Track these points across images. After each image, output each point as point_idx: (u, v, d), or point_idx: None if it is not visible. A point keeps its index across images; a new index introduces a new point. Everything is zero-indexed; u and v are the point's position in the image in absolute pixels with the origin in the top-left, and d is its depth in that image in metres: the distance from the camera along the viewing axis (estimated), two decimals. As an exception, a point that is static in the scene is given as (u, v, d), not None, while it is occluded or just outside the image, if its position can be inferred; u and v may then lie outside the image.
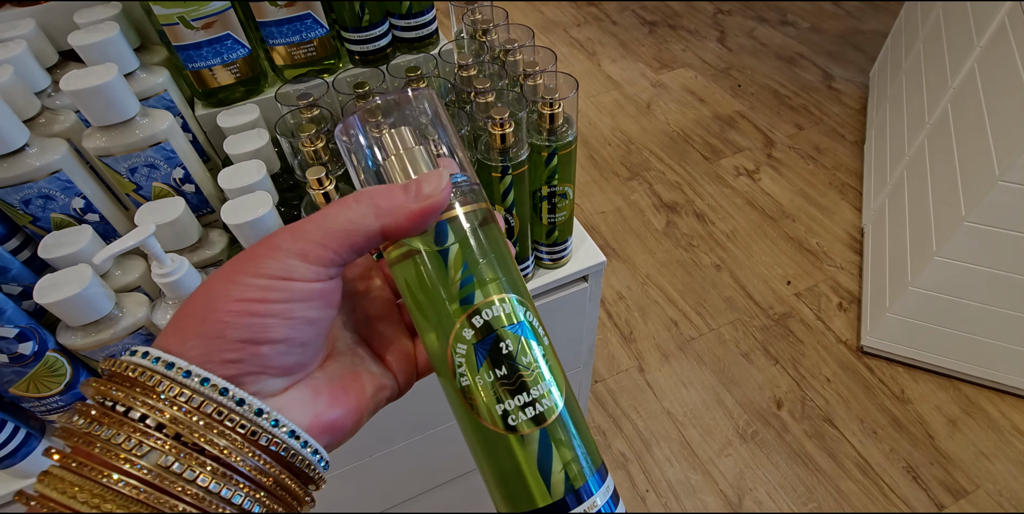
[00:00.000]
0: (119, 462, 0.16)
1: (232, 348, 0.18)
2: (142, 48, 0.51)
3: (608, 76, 1.92)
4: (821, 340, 1.21)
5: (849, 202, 1.48)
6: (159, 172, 0.44)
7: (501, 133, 0.43)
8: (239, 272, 0.19)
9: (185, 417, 0.17)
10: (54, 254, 0.40)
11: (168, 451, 0.17)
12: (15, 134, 0.39)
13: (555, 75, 0.46)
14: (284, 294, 0.19)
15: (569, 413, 0.21)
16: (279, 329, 0.19)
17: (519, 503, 0.21)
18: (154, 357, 0.18)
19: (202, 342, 0.18)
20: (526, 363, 0.21)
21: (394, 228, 0.20)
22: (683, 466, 1.05)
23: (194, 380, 0.18)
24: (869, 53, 1.93)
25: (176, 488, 0.16)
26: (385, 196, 0.20)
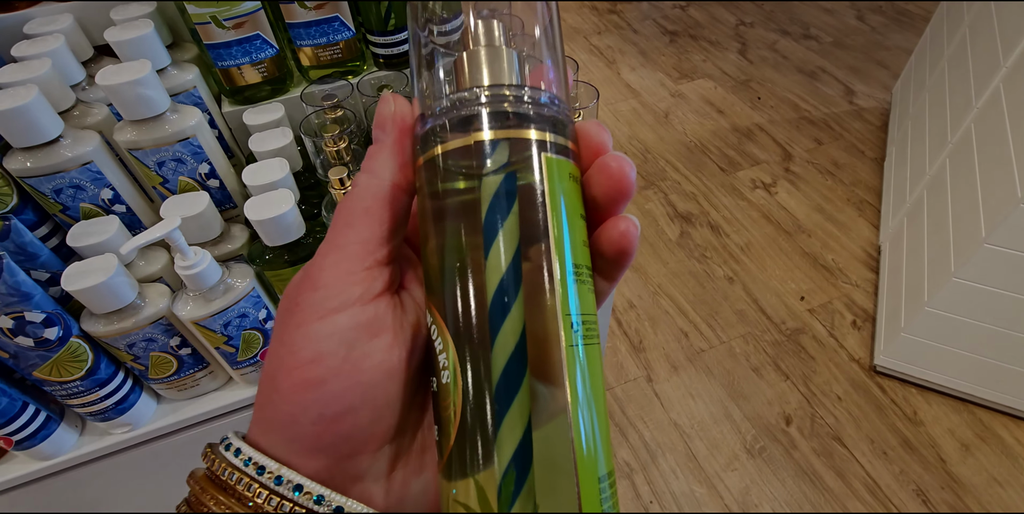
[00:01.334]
0: None
1: (312, 434, 0.16)
2: (174, 45, 0.52)
3: (627, 84, 1.93)
4: (833, 357, 1.19)
5: (867, 219, 1.47)
6: (185, 167, 0.45)
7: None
8: (285, 326, 0.16)
9: None
10: (82, 243, 0.41)
11: None
12: (51, 125, 0.40)
13: (576, 84, 0.47)
14: (338, 340, 0.16)
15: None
16: (350, 394, 0.16)
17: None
18: (246, 458, 0.16)
19: (281, 434, 0.16)
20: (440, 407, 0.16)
21: (399, 172, 0.17)
22: (688, 479, 1.04)
23: (286, 488, 0.16)
24: (892, 70, 1.92)
25: None
26: (368, 157, 0.18)
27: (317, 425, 0.16)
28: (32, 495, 0.45)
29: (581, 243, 0.16)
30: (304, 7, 0.48)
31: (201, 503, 0.16)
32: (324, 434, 0.16)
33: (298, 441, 0.16)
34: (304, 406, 0.16)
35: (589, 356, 0.15)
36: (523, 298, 0.15)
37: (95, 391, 0.42)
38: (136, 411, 0.45)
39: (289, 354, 0.16)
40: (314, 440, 0.16)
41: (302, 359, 0.16)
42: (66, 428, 0.44)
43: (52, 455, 0.44)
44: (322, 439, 0.16)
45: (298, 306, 0.16)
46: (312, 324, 0.16)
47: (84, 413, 0.43)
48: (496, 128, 0.16)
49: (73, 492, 0.46)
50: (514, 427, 0.14)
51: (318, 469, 0.16)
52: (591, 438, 0.15)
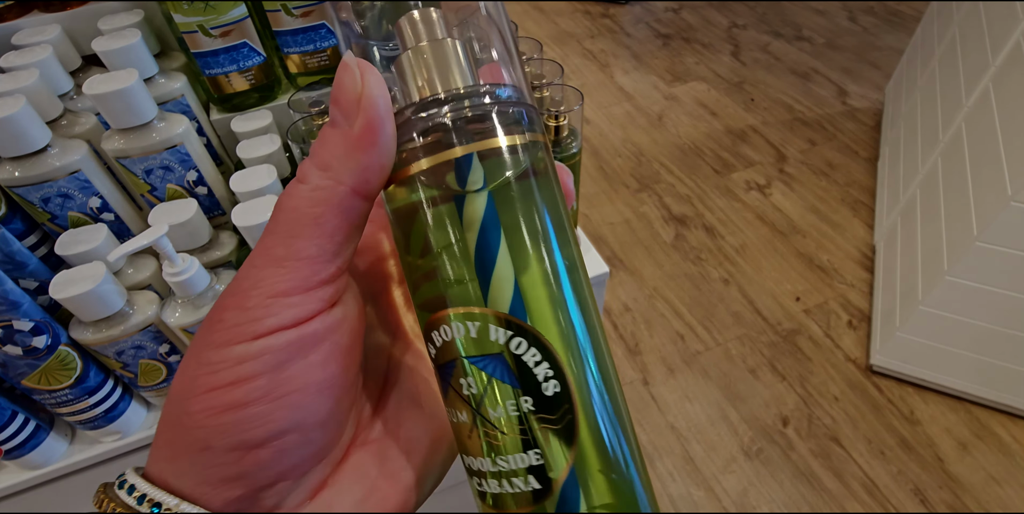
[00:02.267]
0: None
1: (226, 461, 0.14)
2: (162, 54, 0.52)
3: (620, 88, 1.94)
4: (830, 358, 1.20)
5: (861, 219, 1.47)
6: (173, 174, 0.45)
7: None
8: (204, 345, 0.14)
9: None
10: (70, 251, 0.41)
11: None
12: (38, 135, 0.40)
13: (561, 88, 0.47)
14: (263, 363, 0.14)
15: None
16: (278, 415, 0.14)
17: None
18: (140, 495, 0.14)
19: (191, 461, 0.14)
20: (492, 417, 0.14)
21: (360, 175, 0.14)
22: (686, 481, 1.04)
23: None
24: (884, 70, 1.93)
25: None
26: (322, 146, 0.14)
27: (235, 452, 0.14)
28: (23, 505, 0.45)
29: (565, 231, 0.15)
30: (291, 15, 0.48)
31: None
32: (242, 462, 0.14)
33: (211, 469, 0.14)
34: (220, 431, 0.14)
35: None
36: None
37: (84, 399, 0.42)
38: (126, 419, 0.45)
39: (206, 375, 0.14)
40: (229, 468, 0.14)
41: (221, 380, 0.14)
42: (56, 437, 0.44)
43: (42, 464, 0.44)
44: (239, 467, 0.14)
45: (221, 323, 0.14)
46: (236, 345, 0.14)
47: (74, 421, 0.43)
48: (466, 143, 0.14)
49: (64, 501, 0.46)
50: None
51: (229, 500, 0.14)
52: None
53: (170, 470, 0.15)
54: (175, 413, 0.14)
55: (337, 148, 0.14)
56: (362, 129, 0.14)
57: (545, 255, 0.15)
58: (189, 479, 0.14)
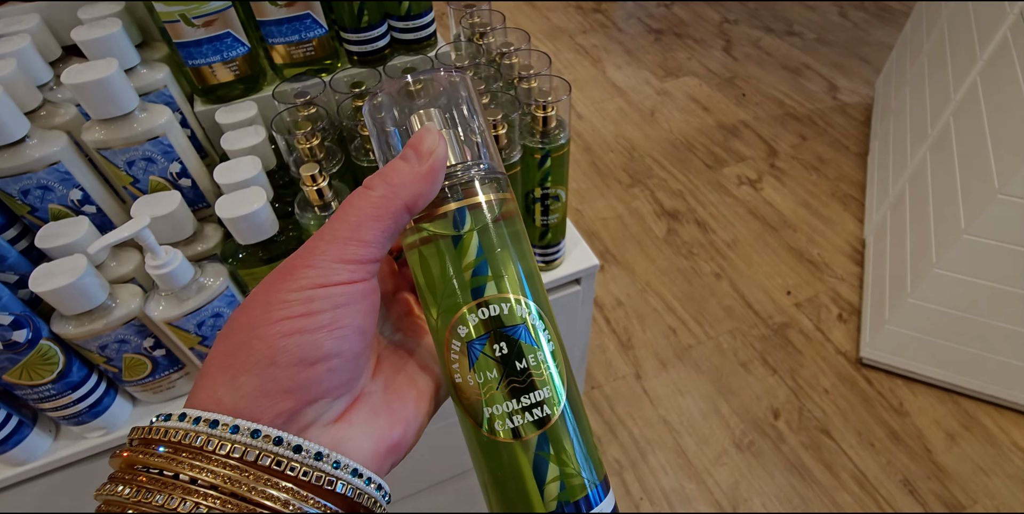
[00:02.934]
0: None
1: (288, 375, 0.17)
2: (144, 44, 0.51)
3: (613, 83, 1.93)
4: (820, 351, 1.20)
5: (851, 213, 1.48)
6: (156, 166, 0.44)
7: (494, 135, 0.43)
8: (276, 290, 0.18)
9: (239, 475, 0.16)
10: (50, 244, 0.40)
11: (227, 510, 0.16)
12: (16, 125, 0.39)
13: (549, 79, 0.47)
14: (329, 302, 0.18)
15: (568, 425, 0.21)
16: (330, 343, 0.18)
17: (512, 506, 0.21)
18: (194, 418, 0.17)
19: (255, 375, 0.17)
20: (520, 369, 0.20)
21: (413, 198, 0.20)
22: (678, 475, 1.04)
23: (244, 435, 0.17)
24: (875, 65, 1.94)
25: None
26: (393, 171, 0.20)
27: (296, 367, 0.18)
28: (6, 502, 0.44)
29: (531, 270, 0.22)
30: (275, 4, 0.47)
31: (147, 467, 0.16)
32: (298, 376, 0.18)
33: (272, 382, 0.18)
34: (287, 350, 0.18)
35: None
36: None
37: (68, 394, 0.41)
38: (111, 414, 0.44)
39: (280, 309, 0.18)
40: (289, 381, 0.18)
41: (293, 312, 0.18)
42: (39, 433, 0.44)
43: (25, 460, 0.43)
44: (296, 381, 0.18)
45: (293, 276, 0.19)
46: (308, 289, 0.18)
47: (57, 417, 0.43)
48: (458, 199, 0.22)
49: (48, 498, 0.46)
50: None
51: (280, 412, 0.18)
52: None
53: (227, 390, 0.18)
54: (243, 339, 0.18)
55: (405, 176, 0.20)
56: (428, 170, 0.20)
57: (518, 262, 0.22)
58: (249, 392, 0.17)
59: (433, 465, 0.71)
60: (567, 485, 0.20)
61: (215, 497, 0.16)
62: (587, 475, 0.21)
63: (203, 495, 0.16)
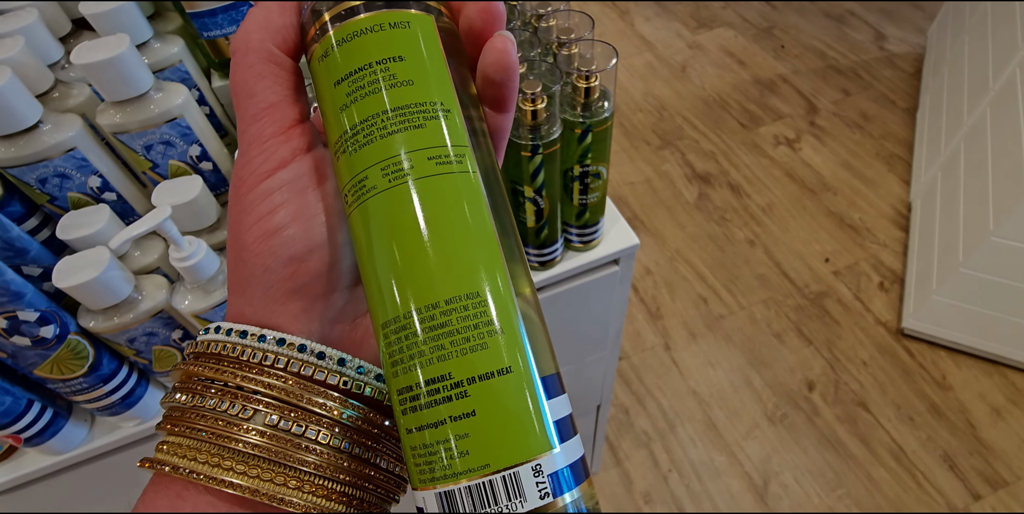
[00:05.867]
0: (234, 429, 0.17)
1: (283, 276, 0.18)
2: (156, 15, 0.48)
3: (641, 36, 1.83)
4: (859, 321, 1.16)
5: (897, 175, 1.40)
6: (175, 149, 0.42)
7: (532, 109, 0.40)
8: (235, 196, 0.18)
9: (281, 382, 0.17)
10: (72, 235, 0.39)
11: (277, 412, 0.17)
12: (29, 111, 0.37)
13: (592, 43, 0.43)
14: (287, 191, 0.17)
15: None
16: (311, 234, 0.18)
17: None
18: (227, 329, 0.18)
19: (257, 285, 0.18)
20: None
21: (276, 34, 0.18)
22: (707, 447, 1.04)
23: (270, 344, 0.17)
24: (928, 11, 1.79)
25: (294, 445, 0.17)
26: (246, 19, 0.18)
27: (289, 267, 0.17)
28: (45, 490, 0.45)
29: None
30: (290, -33, 0.43)
31: (200, 377, 0.17)
32: (297, 274, 0.18)
33: (275, 286, 0.18)
34: (272, 252, 0.17)
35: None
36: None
37: (100, 387, 0.41)
38: (144, 404, 0.44)
39: (246, 214, 0.17)
40: (289, 281, 0.18)
41: (259, 213, 0.17)
42: (75, 423, 0.44)
43: (63, 450, 0.43)
44: (296, 279, 0.18)
45: (240, 178, 0.18)
46: (259, 184, 0.17)
47: (91, 409, 0.42)
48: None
49: (89, 485, 0.46)
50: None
51: (295, 313, 0.18)
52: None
53: (244, 303, 0.18)
54: (235, 254, 0.18)
55: (256, 13, 0.17)
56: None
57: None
58: (259, 302, 0.18)
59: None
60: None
61: (267, 402, 0.17)
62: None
63: (252, 399, 0.17)
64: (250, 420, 0.17)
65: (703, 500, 0.98)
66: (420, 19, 0.17)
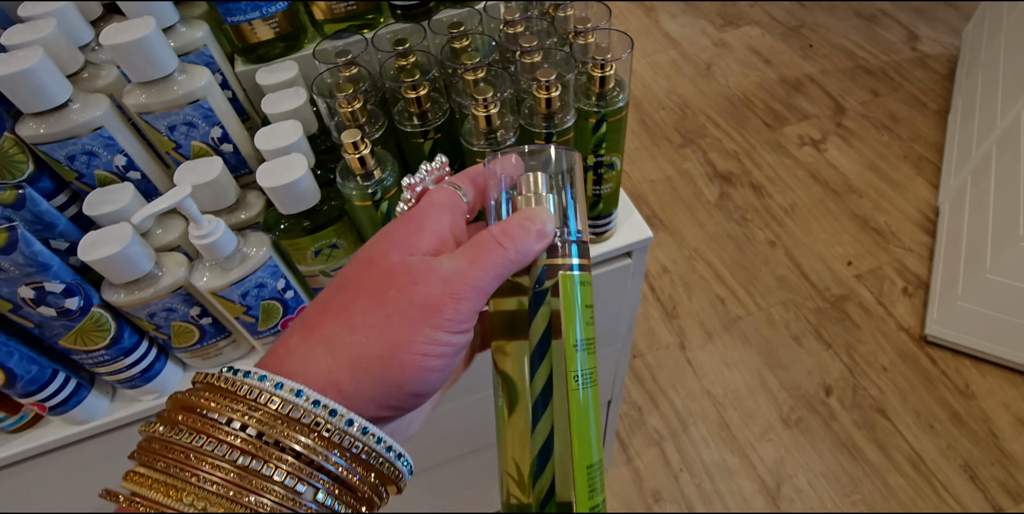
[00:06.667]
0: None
1: (403, 398, 0.21)
2: (182, 0, 0.49)
3: (666, 33, 1.82)
4: (880, 326, 1.14)
5: (925, 178, 1.37)
6: (198, 131, 0.43)
7: (547, 97, 0.40)
8: (424, 320, 0.21)
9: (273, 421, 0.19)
10: (98, 211, 0.40)
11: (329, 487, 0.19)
12: (59, 89, 0.38)
13: (608, 33, 0.43)
14: (451, 349, 0.21)
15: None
16: (440, 381, 0.21)
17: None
18: (314, 400, 0.19)
19: (376, 386, 0.20)
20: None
21: (523, 265, 0.23)
22: (720, 448, 1.03)
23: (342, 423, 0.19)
24: (964, 10, 1.74)
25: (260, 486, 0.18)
26: (523, 240, 0.22)
27: (413, 396, 0.21)
28: (69, 457, 0.46)
29: (586, 323, 0.25)
30: (314, -46, 0.44)
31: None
32: (408, 400, 0.21)
33: (387, 397, 0.20)
34: (417, 382, 0.21)
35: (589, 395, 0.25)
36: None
37: (120, 359, 0.42)
38: (163, 378, 0.45)
39: (423, 343, 0.20)
40: (397, 401, 0.21)
41: (435, 353, 0.21)
42: (97, 394, 0.45)
43: (85, 420, 0.45)
44: (405, 402, 0.21)
45: (440, 311, 0.21)
46: (446, 333, 0.21)
47: (112, 381, 0.44)
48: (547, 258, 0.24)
49: (107, 456, 0.48)
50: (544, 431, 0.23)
51: (375, 418, 0.21)
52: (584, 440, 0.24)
53: (349, 383, 0.20)
54: (383, 353, 0.20)
55: (528, 250, 0.23)
56: (540, 247, 0.24)
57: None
58: (365, 396, 0.20)
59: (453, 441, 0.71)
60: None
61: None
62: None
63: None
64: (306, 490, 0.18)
65: (714, 501, 0.97)
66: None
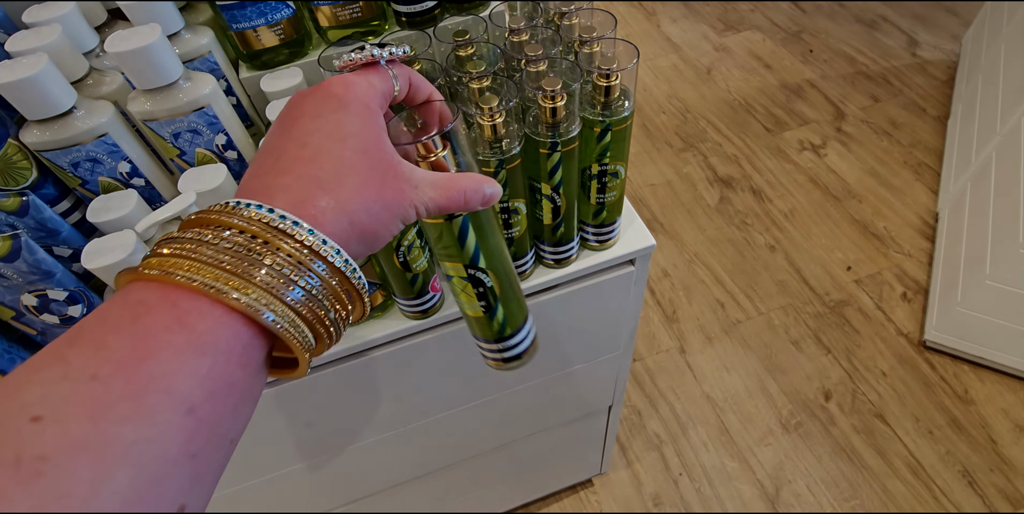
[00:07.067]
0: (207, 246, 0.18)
1: (357, 253, 0.23)
2: (188, 7, 0.49)
3: (667, 38, 1.82)
4: (880, 331, 1.14)
5: (924, 184, 1.37)
6: (202, 138, 0.43)
7: (552, 106, 0.40)
8: (397, 212, 0.24)
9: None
10: (101, 218, 0.40)
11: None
12: (64, 96, 0.38)
13: (613, 42, 0.43)
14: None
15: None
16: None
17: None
18: (293, 220, 0.20)
19: (351, 240, 0.23)
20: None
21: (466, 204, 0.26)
22: (720, 452, 1.03)
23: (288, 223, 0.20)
24: (963, 17, 1.75)
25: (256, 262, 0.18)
26: (454, 190, 0.26)
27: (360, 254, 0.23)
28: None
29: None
30: (320, -39, 0.44)
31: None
32: (358, 255, 0.23)
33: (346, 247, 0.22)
34: (373, 248, 0.24)
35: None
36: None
37: (123, 367, 0.42)
38: (165, 386, 0.45)
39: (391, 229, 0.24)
40: (354, 253, 0.23)
41: (389, 232, 0.24)
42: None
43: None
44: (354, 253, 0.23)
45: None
46: (399, 222, 0.25)
47: (115, 387, 0.44)
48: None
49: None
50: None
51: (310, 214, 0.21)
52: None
53: (330, 224, 0.21)
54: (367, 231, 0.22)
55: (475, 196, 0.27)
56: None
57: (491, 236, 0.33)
58: (339, 239, 0.21)
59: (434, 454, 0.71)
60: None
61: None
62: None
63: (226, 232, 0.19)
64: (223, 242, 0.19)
65: (713, 505, 0.97)
66: None
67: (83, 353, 0.16)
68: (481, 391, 0.62)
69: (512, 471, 0.84)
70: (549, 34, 0.45)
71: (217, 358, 0.17)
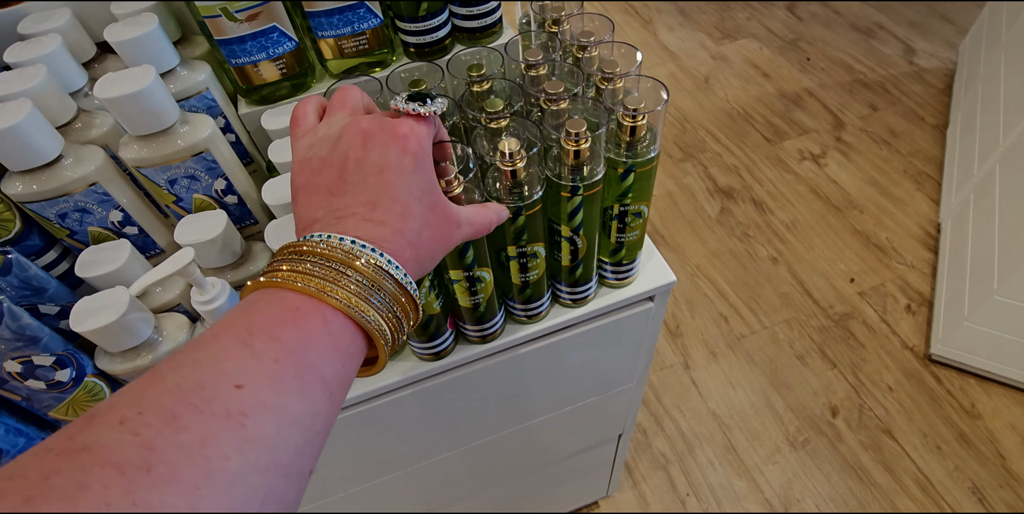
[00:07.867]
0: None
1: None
2: (183, 40, 0.46)
3: (664, 46, 1.80)
4: (885, 345, 1.13)
5: (926, 194, 1.36)
6: (200, 183, 0.40)
7: (575, 149, 0.38)
8: (448, 243, 0.29)
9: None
10: (92, 273, 0.37)
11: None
12: (49, 144, 0.36)
13: (637, 79, 0.40)
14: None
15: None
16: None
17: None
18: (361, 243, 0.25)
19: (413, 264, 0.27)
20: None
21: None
22: (727, 471, 1.01)
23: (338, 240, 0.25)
24: (960, 25, 1.75)
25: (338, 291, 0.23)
26: (484, 224, 0.32)
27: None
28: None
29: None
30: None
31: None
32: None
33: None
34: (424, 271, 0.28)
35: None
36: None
37: (118, 430, 0.39)
38: (163, 445, 0.42)
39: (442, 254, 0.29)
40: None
41: (441, 256, 0.29)
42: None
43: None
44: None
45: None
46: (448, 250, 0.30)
47: (109, 450, 0.41)
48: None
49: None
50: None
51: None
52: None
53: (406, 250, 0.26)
54: (425, 257, 0.28)
55: (486, 228, 0.33)
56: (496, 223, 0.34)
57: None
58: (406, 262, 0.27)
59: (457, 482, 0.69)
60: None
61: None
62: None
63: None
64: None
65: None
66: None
67: (264, 342, 0.21)
68: (490, 428, 0.60)
69: (516, 499, 0.82)
70: (568, 67, 0.43)
71: (347, 359, 0.23)
